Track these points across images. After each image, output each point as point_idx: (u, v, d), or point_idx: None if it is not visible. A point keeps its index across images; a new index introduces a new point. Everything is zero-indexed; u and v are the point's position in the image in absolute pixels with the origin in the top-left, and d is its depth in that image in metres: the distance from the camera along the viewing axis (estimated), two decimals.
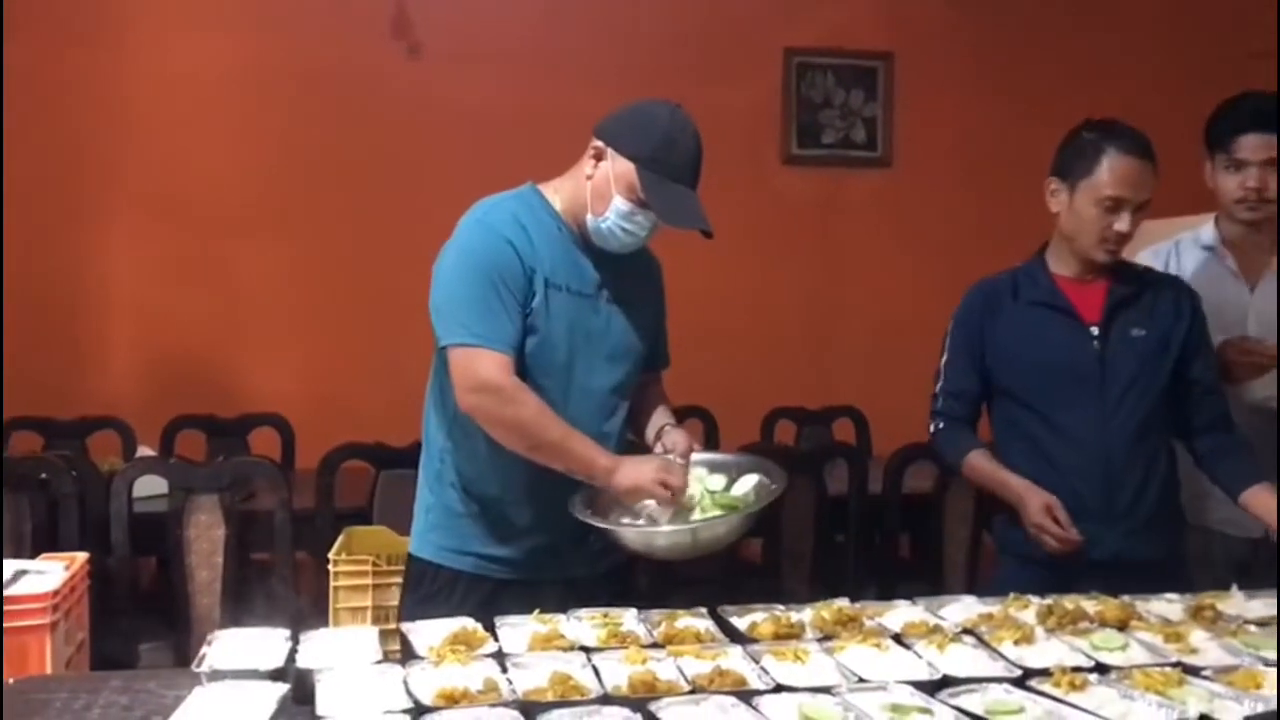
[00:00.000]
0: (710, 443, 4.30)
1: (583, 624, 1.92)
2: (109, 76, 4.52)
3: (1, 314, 4.25)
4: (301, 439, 4.26)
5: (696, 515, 2.07)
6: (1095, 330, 2.39)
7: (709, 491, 2.13)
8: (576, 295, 2.13)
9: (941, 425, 2.56)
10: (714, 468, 2.20)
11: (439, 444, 2.21)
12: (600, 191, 2.09)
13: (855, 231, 5.09)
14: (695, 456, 2.20)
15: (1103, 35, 5.13)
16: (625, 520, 2.10)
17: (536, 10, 4.82)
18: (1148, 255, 2.78)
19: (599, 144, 2.11)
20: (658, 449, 2.22)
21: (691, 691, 1.62)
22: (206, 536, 3.15)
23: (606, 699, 1.59)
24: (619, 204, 2.07)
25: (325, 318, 4.65)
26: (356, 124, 4.65)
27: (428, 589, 2.18)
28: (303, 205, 4.66)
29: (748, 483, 2.14)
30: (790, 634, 1.89)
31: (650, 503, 2.09)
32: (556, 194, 2.18)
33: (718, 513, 2.07)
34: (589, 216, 2.12)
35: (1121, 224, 2.34)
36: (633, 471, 2.03)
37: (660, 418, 2.28)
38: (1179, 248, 2.77)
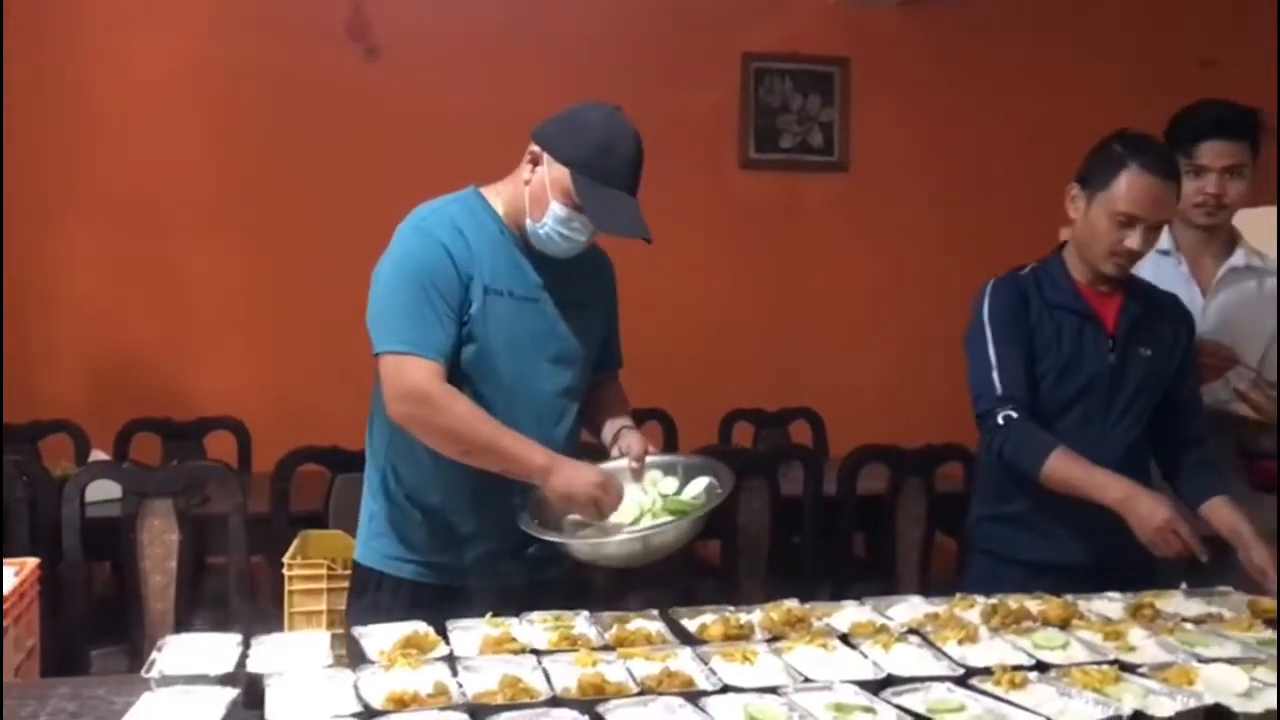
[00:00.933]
0: (669, 445, 4.33)
1: (535, 627, 1.94)
2: (62, 78, 4.48)
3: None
4: (257, 442, 4.24)
5: (646, 520, 2.07)
6: (1112, 343, 2.40)
7: (661, 495, 2.14)
8: (519, 300, 2.12)
9: (1007, 423, 2.32)
10: (667, 470, 2.21)
11: (382, 452, 2.19)
12: (538, 196, 2.08)
13: (813, 235, 5.13)
14: (651, 459, 2.21)
15: (1055, 41, 5.21)
16: (573, 527, 2.09)
17: (495, 14, 4.82)
18: None
19: (535, 148, 2.10)
20: (614, 452, 2.21)
21: (640, 693, 1.63)
22: (160, 541, 3.14)
23: (555, 701, 1.60)
24: (556, 209, 2.06)
25: (282, 321, 4.63)
26: (314, 127, 4.64)
27: (372, 596, 2.17)
28: (258, 208, 4.64)
29: (699, 485, 2.14)
30: (739, 635, 1.92)
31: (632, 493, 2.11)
32: (498, 197, 2.16)
33: (667, 517, 2.07)
34: (528, 222, 2.10)
35: (1133, 241, 2.32)
36: (567, 479, 2.02)
37: (617, 420, 2.27)
38: None
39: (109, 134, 4.54)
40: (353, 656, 1.84)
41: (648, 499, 2.11)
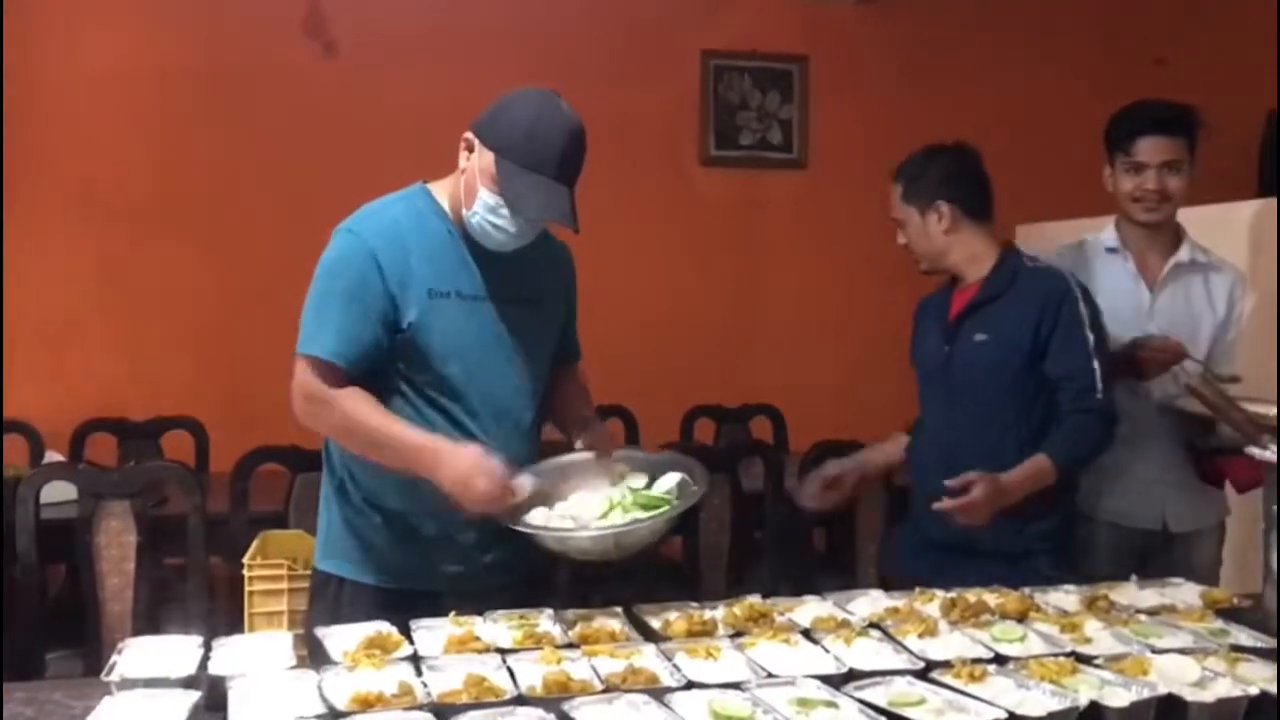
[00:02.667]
0: (630, 441, 4.34)
1: (499, 625, 1.94)
2: (14, 74, 4.40)
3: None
4: (215, 442, 4.20)
5: (617, 515, 2.07)
6: (948, 334, 2.62)
7: (630, 490, 2.13)
8: (467, 299, 2.08)
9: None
10: (636, 465, 2.21)
11: (338, 457, 2.17)
12: (469, 185, 2.05)
13: (773, 232, 5.16)
14: (618, 453, 2.20)
15: (1012, 38, 5.27)
16: (544, 522, 2.09)
17: (453, 10, 4.80)
18: (1054, 256, 2.84)
19: (469, 135, 2.07)
20: (578, 445, 2.20)
21: (605, 691, 1.64)
22: (117, 543, 3.10)
23: (521, 700, 1.61)
24: (485, 197, 2.02)
25: (238, 319, 4.58)
26: (270, 123, 4.59)
27: (332, 602, 2.15)
28: (215, 205, 4.59)
29: (669, 480, 2.14)
30: (703, 631, 1.93)
31: (574, 499, 2.11)
32: (443, 193, 2.13)
33: (638, 511, 2.07)
34: (464, 212, 2.07)
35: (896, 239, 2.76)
36: (448, 470, 1.96)
37: (580, 412, 2.25)
38: (1085, 248, 2.86)
39: (60, 130, 4.47)
40: (316, 658, 1.83)
41: (617, 493, 2.11)
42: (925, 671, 1.73)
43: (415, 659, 1.76)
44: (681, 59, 5.02)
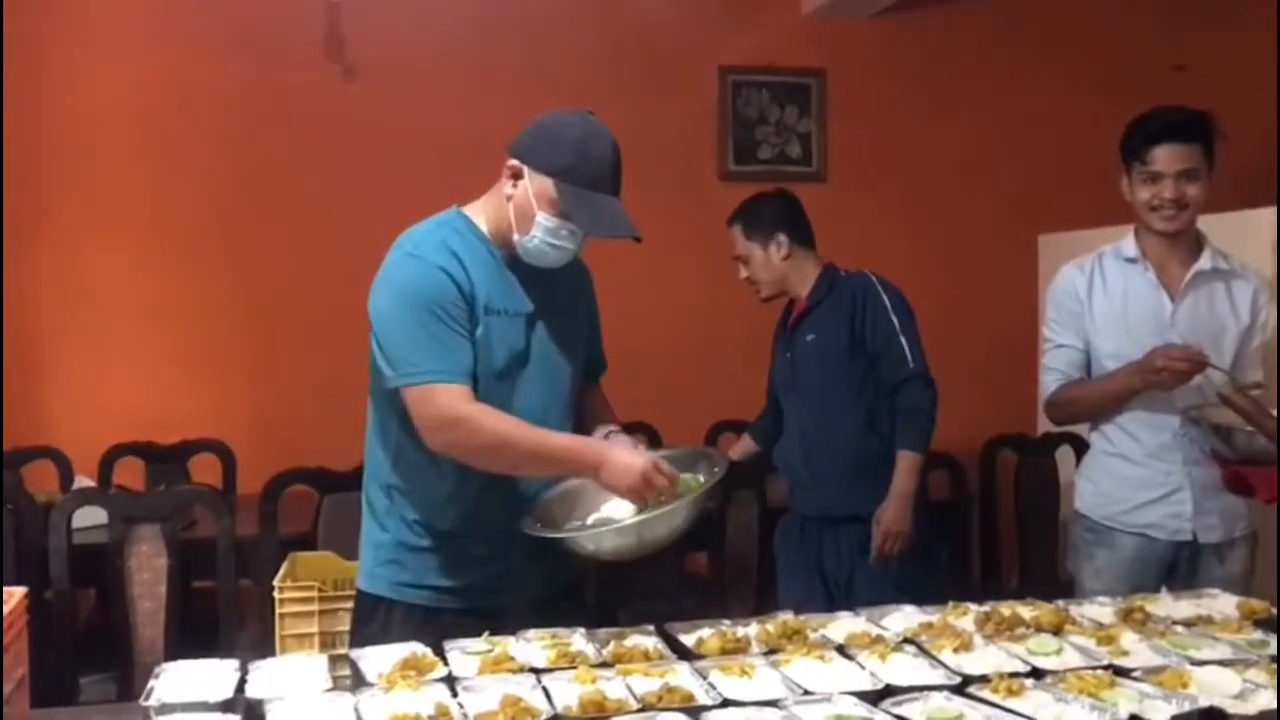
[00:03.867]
0: None
1: (531, 645, 1.94)
2: (41, 100, 4.45)
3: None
4: (243, 465, 4.22)
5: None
6: (787, 340, 3.25)
7: None
8: (514, 317, 2.12)
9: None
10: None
11: (385, 480, 2.18)
12: (523, 210, 2.07)
13: None
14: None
15: (1030, 51, 5.26)
16: (576, 525, 2.11)
17: (472, 31, 4.82)
18: (1071, 268, 2.85)
19: (514, 162, 2.09)
20: None
21: (641, 709, 1.64)
22: (148, 567, 3.12)
23: (557, 719, 1.61)
24: (543, 220, 2.06)
25: (264, 341, 4.61)
26: (293, 146, 4.63)
27: (381, 624, 2.15)
28: (239, 228, 4.62)
29: (696, 471, 2.16)
30: (736, 649, 1.93)
31: (605, 509, 2.13)
32: (480, 215, 2.15)
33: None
34: (515, 236, 2.09)
35: (741, 274, 3.35)
36: (617, 470, 2.01)
37: (604, 425, 2.27)
38: (1101, 261, 2.82)
39: (88, 157, 4.52)
40: (352, 679, 1.83)
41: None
42: (962, 686, 1.73)
43: (450, 680, 1.76)
44: (699, 75, 5.03)
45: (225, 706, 1.67)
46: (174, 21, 4.58)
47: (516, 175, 2.09)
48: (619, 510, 2.12)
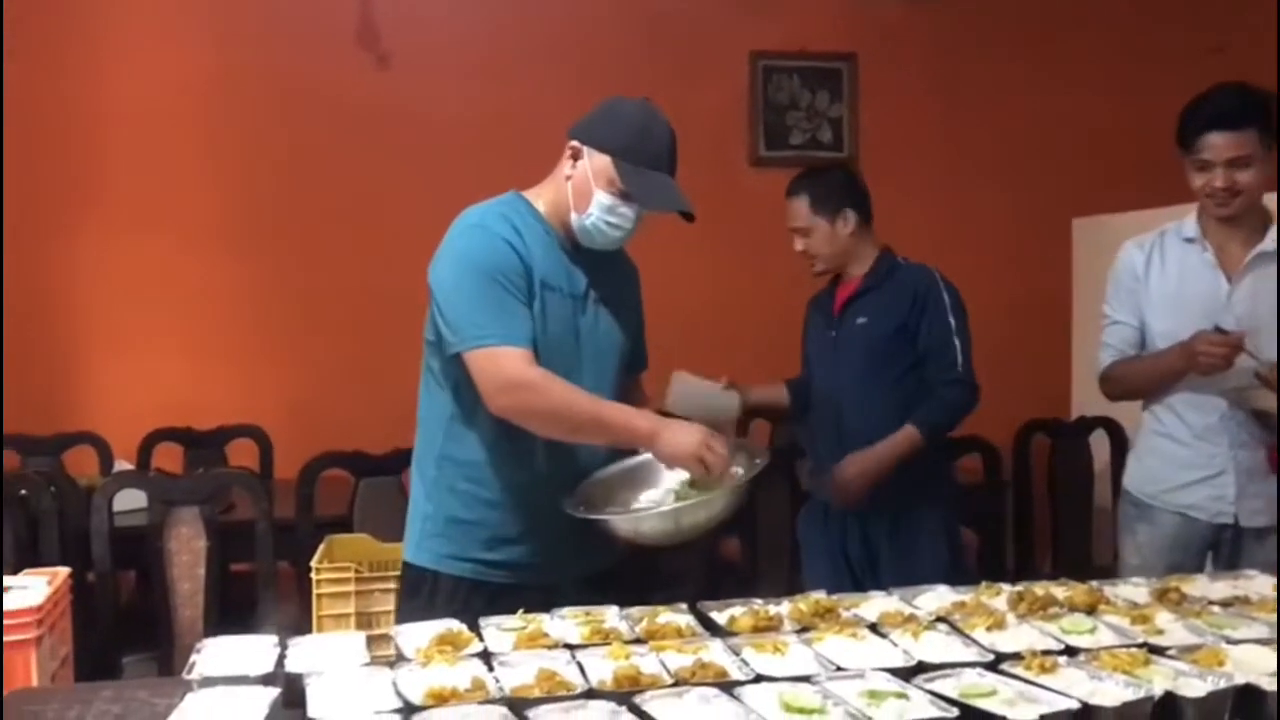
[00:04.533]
0: None
1: (566, 622, 1.96)
2: (79, 92, 4.52)
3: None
4: (279, 449, 4.27)
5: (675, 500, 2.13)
6: (832, 321, 3.12)
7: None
8: (568, 297, 2.17)
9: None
10: None
11: (435, 451, 2.22)
12: (581, 189, 2.14)
13: None
14: None
15: (1063, 32, 5.21)
16: (616, 510, 2.14)
17: (503, 19, 4.84)
18: (1132, 245, 2.82)
19: (575, 143, 2.16)
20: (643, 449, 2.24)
21: (674, 684, 1.65)
22: (188, 549, 3.17)
23: (592, 693, 1.62)
24: (601, 198, 2.12)
25: (300, 328, 4.66)
26: (328, 135, 4.66)
27: (426, 595, 2.19)
28: (276, 216, 4.67)
29: (736, 463, 2.17)
30: (769, 626, 1.94)
31: (644, 498, 2.16)
32: (539, 199, 2.21)
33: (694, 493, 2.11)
34: (573, 216, 2.16)
35: (797, 245, 3.16)
36: (674, 440, 2.04)
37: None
38: (1163, 240, 2.78)
39: (127, 147, 4.58)
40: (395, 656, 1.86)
41: (675, 481, 2.16)
42: (995, 664, 1.73)
43: (486, 655, 1.79)
44: (730, 60, 5.03)
45: (266, 680, 1.69)
46: (210, 12, 4.63)
47: (576, 155, 2.15)
48: (654, 500, 2.16)
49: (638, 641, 1.86)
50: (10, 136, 4.37)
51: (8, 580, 2.65)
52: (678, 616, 1.98)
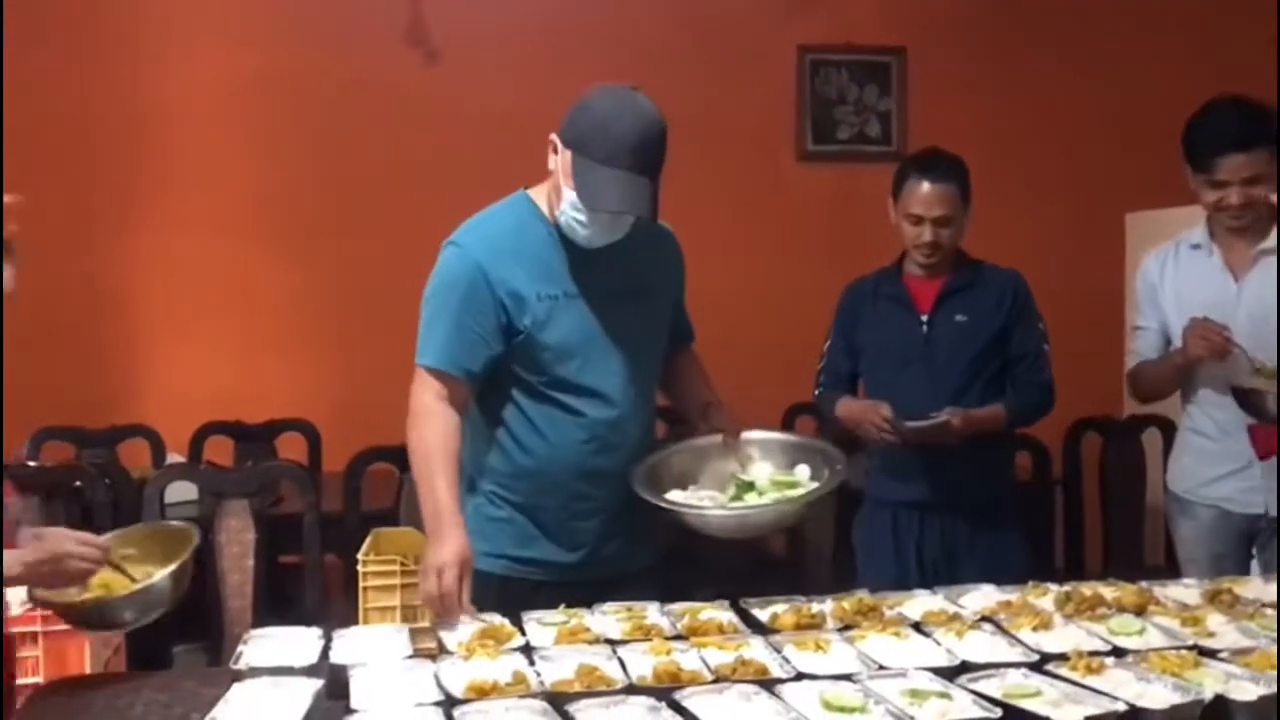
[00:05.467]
0: None
1: (607, 618, 1.97)
2: (132, 91, 4.58)
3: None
4: (327, 443, 4.31)
5: (752, 498, 2.12)
6: (925, 317, 2.94)
7: (772, 477, 2.19)
8: (575, 299, 2.12)
9: (818, 393, 3.17)
10: (766, 449, 2.24)
11: (466, 452, 2.22)
12: (556, 185, 2.09)
13: (872, 226, 5.06)
14: (752, 435, 2.23)
15: (1117, 24, 5.12)
16: (680, 499, 2.14)
17: (552, 15, 4.85)
18: (1149, 257, 2.90)
19: (552, 137, 2.11)
20: (703, 430, 2.24)
21: (715, 681, 1.65)
22: (237, 540, 3.21)
23: (632, 689, 1.63)
24: (568, 194, 2.05)
25: (349, 323, 4.70)
26: (376, 132, 4.70)
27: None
28: (325, 213, 4.71)
29: (805, 469, 2.19)
30: (811, 624, 1.93)
31: (705, 482, 2.17)
32: (541, 196, 2.17)
33: (774, 493, 2.12)
34: (555, 212, 2.11)
35: (925, 235, 2.89)
36: (428, 553, 2.03)
37: (701, 394, 2.31)
38: (1177, 249, 2.84)
39: (179, 147, 4.64)
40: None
41: (748, 475, 2.16)
42: (1040, 664, 1.71)
43: (527, 649, 1.79)
44: (777, 54, 4.99)
45: (310, 671, 1.72)
46: (262, 11, 4.68)
47: (554, 149, 2.10)
48: (717, 487, 2.16)
49: (679, 638, 1.86)
50: (63, 135, 4.46)
51: None
52: (719, 613, 1.98)
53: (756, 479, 2.15)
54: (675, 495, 2.15)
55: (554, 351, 2.11)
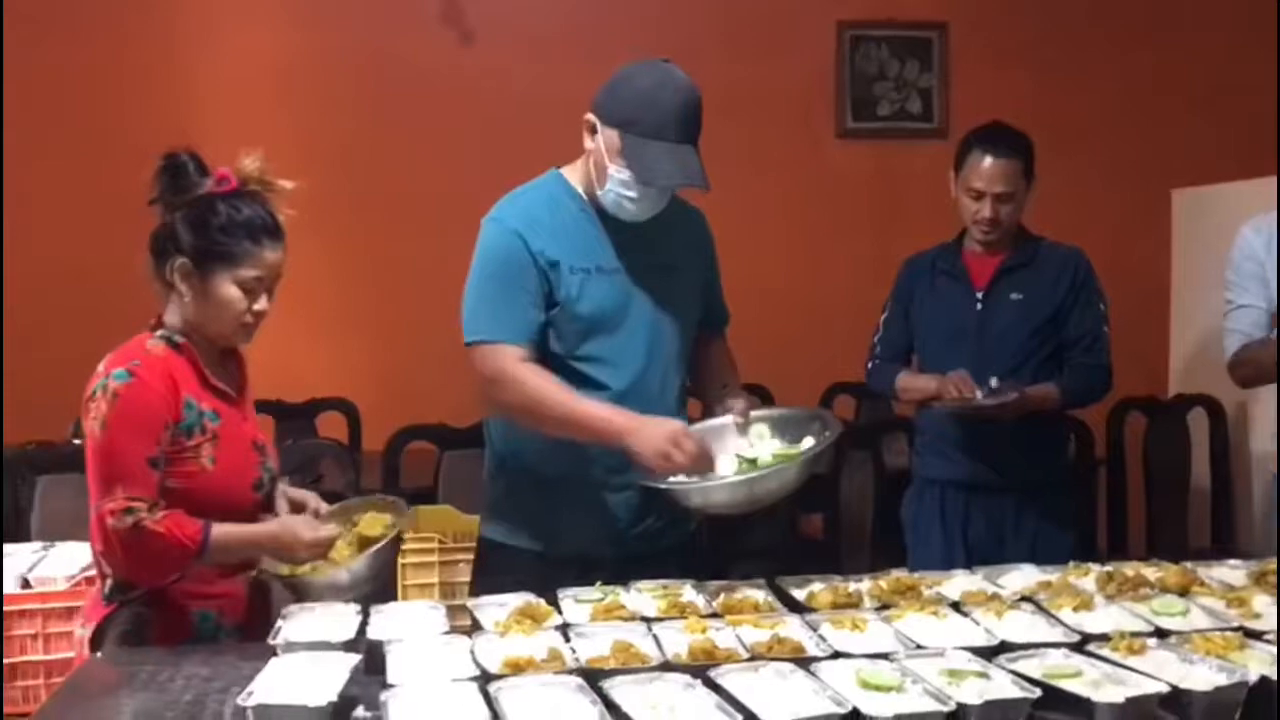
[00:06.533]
0: None
1: (643, 595, 1.96)
2: (169, 73, 4.62)
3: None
4: (367, 422, 4.34)
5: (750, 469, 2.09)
6: (980, 294, 2.91)
7: (775, 455, 2.14)
8: (608, 273, 2.15)
9: (871, 366, 3.14)
10: (774, 423, 2.22)
11: (498, 429, 2.26)
12: (599, 164, 2.11)
13: (912, 204, 5.03)
14: (755, 414, 2.22)
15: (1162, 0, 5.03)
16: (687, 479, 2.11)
17: None
18: (1247, 229, 2.79)
19: (589, 117, 2.13)
20: (718, 411, 2.23)
21: (750, 659, 1.64)
22: None
23: (667, 666, 1.62)
24: (614, 173, 2.08)
25: (388, 303, 4.72)
26: (413, 112, 4.70)
27: (495, 568, 2.23)
28: (361, 193, 4.72)
29: (809, 440, 2.15)
30: (848, 603, 1.91)
31: (718, 463, 2.11)
32: (575, 175, 2.20)
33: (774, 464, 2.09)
34: (597, 190, 2.13)
35: (985, 211, 2.85)
36: (643, 437, 2.01)
37: (720, 378, 2.30)
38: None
39: (214, 126, 4.65)
40: (471, 625, 1.88)
41: (753, 452, 2.13)
42: (1081, 644, 1.68)
43: (563, 626, 1.80)
44: (816, 30, 4.94)
45: (348, 646, 1.73)
46: None
47: (592, 129, 2.12)
48: (727, 467, 2.12)
49: (714, 616, 1.85)
50: (107, 117, 4.49)
51: None
52: (755, 592, 1.97)
53: (760, 455, 2.13)
54: (680, 477, 2.11)
55: (586, 324, 2.13)
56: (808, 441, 2.13)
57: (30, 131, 4.46)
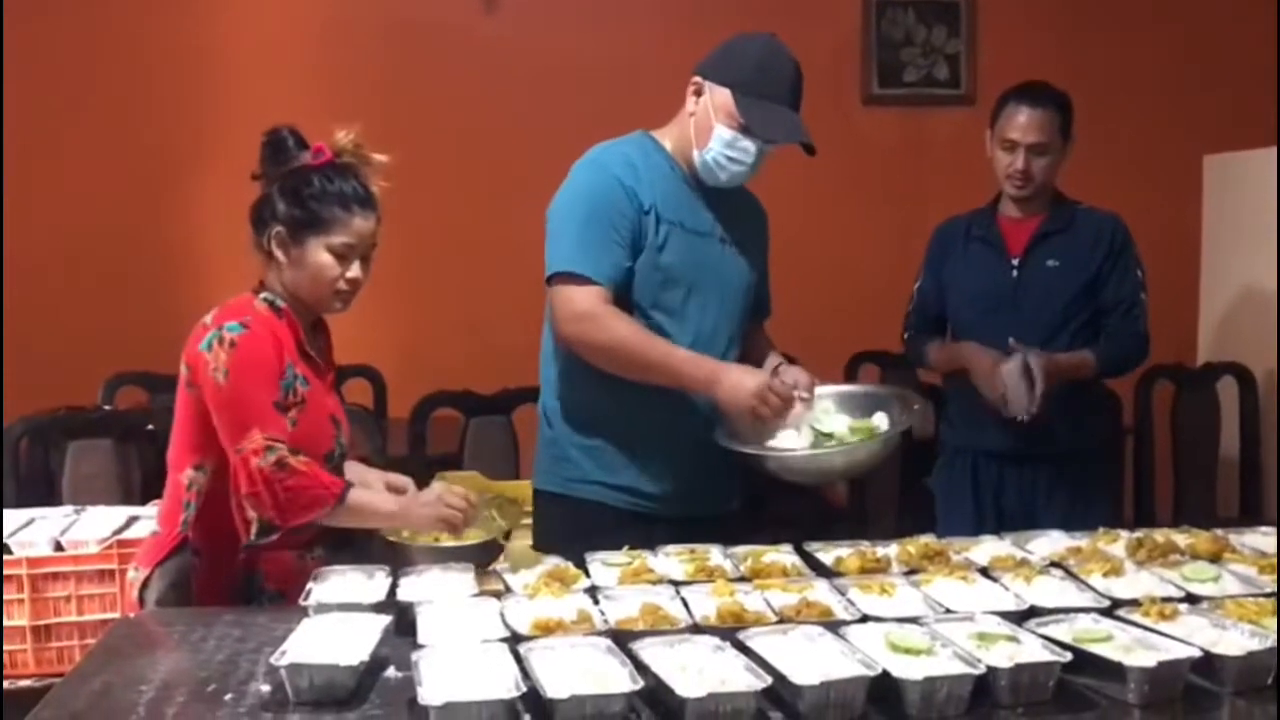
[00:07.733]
0: None
1: (670, 559, 1.97)
2: (197, 37, 4.62)
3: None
4: (393, 389, 4.36)
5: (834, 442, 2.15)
6: (1015, 260, 2.86)
7: (851, 428, 2.20)
8: (692, 233, 2.20)
9: (907, 336, 3.11)
10: (842, 400, 2.27)
11: (553, 381, 2.29)
12: (702, 125, 2.17)
13: (939, 171, 5.00)
14: (823, 390, 2.25)
15: None
16: (763, 446, 2.15)
17: None
18: None
19: (697, 79, 2.19)
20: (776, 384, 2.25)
21: (779, 622, 1.65)
22: None
23: (696, 628, 1.63)
24: (721, 132, 2.15)
25: (413, 271, 4.70)
26: (438, 79, 4.69)
27: (556, 520, 2.26)
28: (388, 163, 4.72)
29: (882, 417, 2.20)
30: (876, 568, 1.92)
31: (782, 436, 2.16)
32: (666, 137, 2.26)
33: (855, 438, 2.14)
34: (695, 152, 2.19)
35: (1018, 163, 2.82)
36: (731, 387, 2.08)
37: (773, 358, 2.35)
38: None
39: (241, 92, 4.67)
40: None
41: (826, 426, 2.17)
42: (1111, 610, 1.68)
43: (592, 589, 1.80)
44: None
45: (378, 608, 1.74)
46: None
47: (699, 91, 2.19)
48: (794, 439, 2.16)
49: (742, 580, 1.85)
50: (131, 82, 4.52)
51: (141, 510, 2.78)
52: (783, 556, 1.98)
53: (834, 429, 2.15)
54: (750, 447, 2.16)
55: (664, 275, 2.18)
56: (878, 417, 2.15)
57: (62, 97, 4.48)
